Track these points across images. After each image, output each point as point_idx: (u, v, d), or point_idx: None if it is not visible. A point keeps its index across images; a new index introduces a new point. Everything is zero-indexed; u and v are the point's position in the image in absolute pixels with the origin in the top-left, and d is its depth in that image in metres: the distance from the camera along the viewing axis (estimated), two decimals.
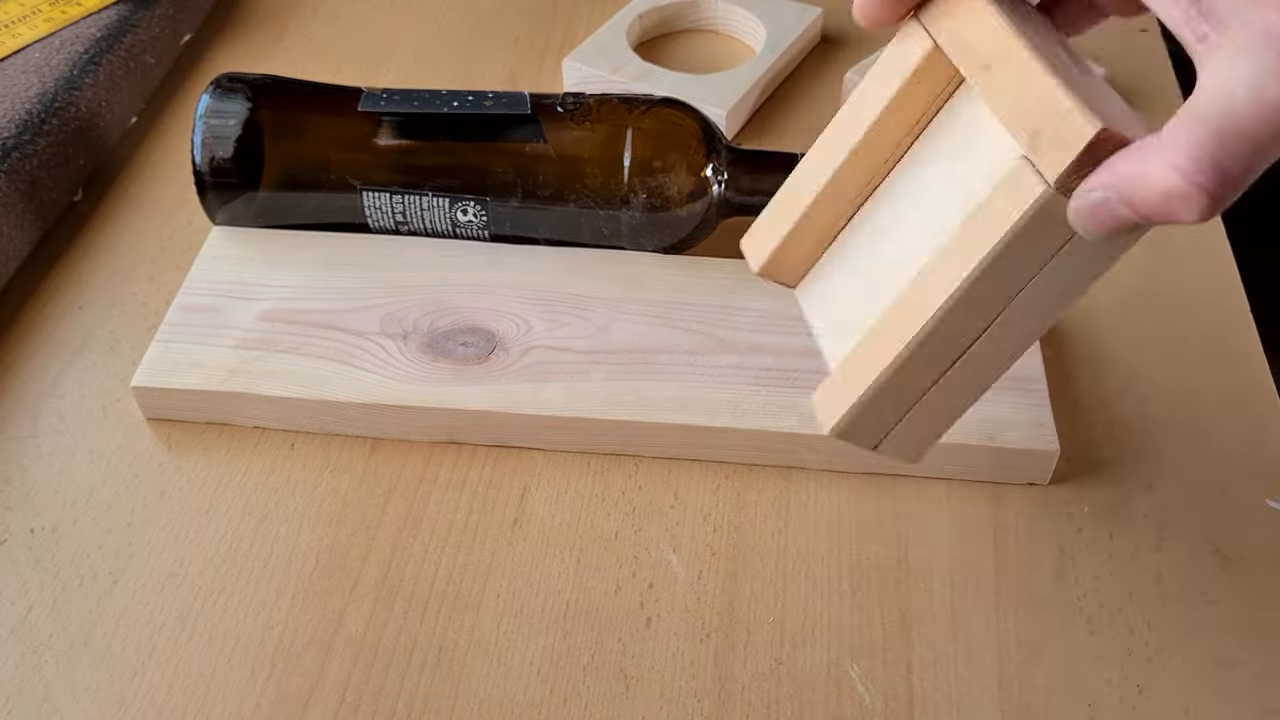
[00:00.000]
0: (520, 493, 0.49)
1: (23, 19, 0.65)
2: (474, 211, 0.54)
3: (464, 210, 0.54)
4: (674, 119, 0.55)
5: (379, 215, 0.56)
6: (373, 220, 0.56)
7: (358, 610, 0.45)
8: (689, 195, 0.54)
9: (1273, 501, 0.48)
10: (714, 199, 0.55)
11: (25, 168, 0.57)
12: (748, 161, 0.55)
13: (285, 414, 0.50)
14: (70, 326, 0.55)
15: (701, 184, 0.54)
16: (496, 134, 0.54)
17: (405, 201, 0.55)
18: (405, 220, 0.56)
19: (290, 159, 0.55)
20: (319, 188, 0.55)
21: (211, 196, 0.55)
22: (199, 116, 0.54)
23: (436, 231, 0.56)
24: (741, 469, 0.50)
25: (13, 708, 0.42)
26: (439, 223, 0.56)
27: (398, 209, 0.55)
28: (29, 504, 0.48)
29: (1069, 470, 0.49)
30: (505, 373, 0.50)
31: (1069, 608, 0.45)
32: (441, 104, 0.55)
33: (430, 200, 0.55)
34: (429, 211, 0.55)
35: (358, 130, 0.55)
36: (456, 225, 0.55)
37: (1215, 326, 0.55)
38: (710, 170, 0.54)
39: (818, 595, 0.45)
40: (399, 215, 0.55)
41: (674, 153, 0.54)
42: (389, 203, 0.55)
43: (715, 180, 0.54)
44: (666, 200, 0.54)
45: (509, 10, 0.75)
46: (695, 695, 0.43)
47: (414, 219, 0.56)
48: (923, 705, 0.42)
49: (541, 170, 0.54)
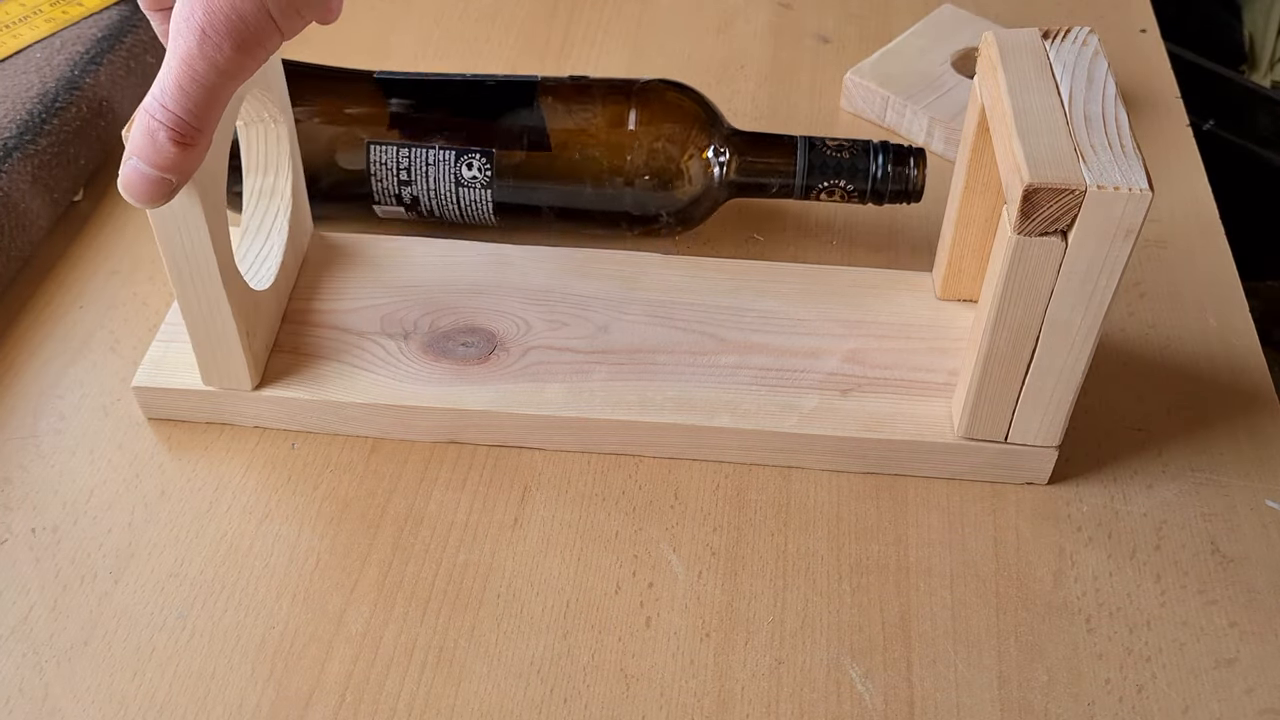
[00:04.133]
0: (520, 493, 0.49)
1: (23, 19, 0.65)
2: (479, 166, 0.55)
3: (469, 164, 0.55)
4: (675, 100, 0.56)
5: (384, 174, 0.56)
6: (377, 180, 0.56)
7: (358, 610, 0.45)
8: (690, 176, 0.55)
9: (1272, 501, 0.49)
10: (715, 180, 0.55)
11: (26, 168, 0.57)
12: (748, 142, 0.56)
13: (285, 414, 0.50)
14: (70, 326, 0.55)
15: (703, 165, 0.55)
16: (504, 101, 0.56)
17: (411, 156, 0.55)
18: (410, 179, 0.56)
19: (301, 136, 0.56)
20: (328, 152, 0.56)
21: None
22: None
23: (440, 195, 0.56)
24: (741, 469, 0.50)
25: (13, 708, 0.42)
26: (443, 182, 0.56)
27: (403, 165, 0.55)
28: (29, 504, 0.48)
29: (1069, 470, 0.49)
30: (506, 373, 0.50)
31: (1069, 607, 0.45)
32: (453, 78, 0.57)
33: (436, 154, 0.55)
34: (434, 167, 0.55)
35: (369, 98, 0.56)
36: (460, 183, 0.56)
37: (1215, 326, 0.55)
38: (711, 151, 0.55)
39: (818, 595, 0.46)
40: (403, 173, 0.56)
41: (675, 133, 0.55)
42: (394, 157, 0.55)
43: (716, 161, 0.55)
44: (668, 180, 0.55)
45: (509, 10, 0.75)
46: (695, 695, 0.43)
47: (418, 177, 0.56)
48: (923, 705, 0.42)
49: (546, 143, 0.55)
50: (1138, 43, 0.72)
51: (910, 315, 0.53)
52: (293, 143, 0.52)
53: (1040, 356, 0.44)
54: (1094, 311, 0.42)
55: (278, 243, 0.52)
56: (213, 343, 0.48)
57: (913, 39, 0.68)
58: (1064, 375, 0.44)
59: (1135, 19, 0.74)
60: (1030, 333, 0.43)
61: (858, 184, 0.55)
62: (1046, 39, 0.44)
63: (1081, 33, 0.45)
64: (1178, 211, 0.61)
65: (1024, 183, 0.39)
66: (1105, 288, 0.41)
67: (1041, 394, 0.45)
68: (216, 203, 0.44)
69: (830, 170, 0.55)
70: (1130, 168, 0.39)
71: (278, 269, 0.51)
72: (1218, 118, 1.12)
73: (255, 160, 0.53)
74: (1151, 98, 0.68)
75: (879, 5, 0.75)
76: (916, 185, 0.55)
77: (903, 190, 0.55)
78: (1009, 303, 0.42)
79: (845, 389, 0.50)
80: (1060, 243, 0.40)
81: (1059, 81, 0.43)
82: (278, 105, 0.50)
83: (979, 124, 0.46)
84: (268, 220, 0.53)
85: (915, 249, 0.59)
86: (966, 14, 0.70)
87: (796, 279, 0.54)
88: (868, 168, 0.55)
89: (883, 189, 0.55)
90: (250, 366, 0.49)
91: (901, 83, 0.66)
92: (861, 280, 0.54)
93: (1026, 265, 0.41)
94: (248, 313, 0.48)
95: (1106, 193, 0.39)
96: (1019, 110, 0.41)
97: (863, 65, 0.67)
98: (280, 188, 0.53)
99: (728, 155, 0.55)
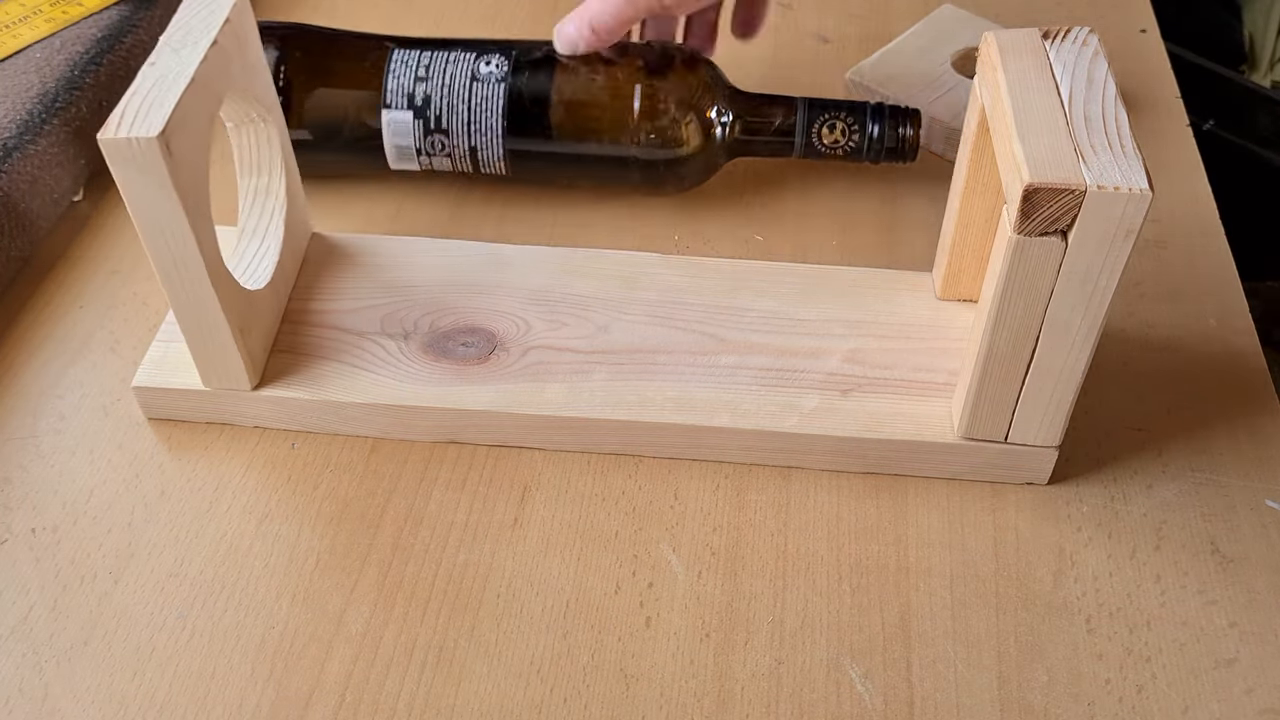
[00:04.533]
0: (520, 493, 0.49)
1: (23, 19, 0.65)
2: (496, 62, 0.57)
3: (487, 60, 0.56)
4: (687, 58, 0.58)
5: (401, 71, 0.57)
6: (394, 76, 0.57)
7: (358, 610, 0.45)
8: (694, 134, 0.57)
9: (1272, 501, 0.49)
10: (719, 140, 0.57)
11: (26, 168, 0.57)
12: (751, 101, 0.58)
13: (285, 414, 0.50)
14: (70, 326, 0.55)
15: (706, 124, 0.57)
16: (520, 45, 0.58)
17: (432, 56, 0.57)
18: (426, 76, 0.57)
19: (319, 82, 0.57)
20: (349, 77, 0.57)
21: None
22: None
23: (452, 94, 0.57)
24: (741, 469, 0.50)
25: (13, 708, 0.42)
26: (459, 76, 0.57)
27: (424, 60, 0.57)
28: (29, 504, 0.48)
29: (1069, 470, 0.49)
30: (506, 373, 0.50)
31: (1068, 607, 0.45)
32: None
33: (456, 54, 0.57)
34: (453, 65, 0.57)
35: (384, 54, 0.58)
36: (476, 77, 0.57)
37: (1215, 327, 0.55)
38: (714, 111, 0.57)
39: (818, 595, 0.46)
40: (421, 70, 0.57)
41: (679, 93, 0.57)
42: (416, 59, 0.57)
43: (719, 122, 0.57)
44: (673, 139, 0.57)
45: (509, 10, 0.75)
46: (695, 695, 0.43)
47: (435, 75, 0.57)
48: (923, 705, 0.42)
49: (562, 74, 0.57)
50: (1138, 43, 0.72)
51: (910, 315, 0.53)
52: (284, 142, 0.52)
53: (1040, 356, 0.44)
54: (1094, 311, 0.42)
55: (274, 242, 0.52)
56: (207, 343, 0.48)
57: (913, 39, 0.68)
58: (1064, 375, 0.44)
59: (1135, 19, 0.74)
60: (1030, 333, 0.43)
61: (857, 117, 0.57)
62: (1046, 39, 0.44)
63: (1081, 33, 0.45)
64: (1178, 211, 0.61)
65: (1024, 183, 0.39)
66: (1105, 288, 0.41)
67: (1041, 394, 0.45)
68: (200, 203, 0.44)
69: (830, 106, 0.58)
70: (1130, 168, 0.39)
71: (274, 269, 0.51)
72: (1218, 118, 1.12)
73: (247, 161, 0.53)
74: (1151, 98, 0.68)
75: (879, 5, 0.75)
76: (911, 145, 0.58)
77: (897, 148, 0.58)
78: (1009, 303, 0.42)
79: (845, 389, 0.50)
80: (1060, 243, 0.40)
81: (1059, 81, 0.43)
82: (264, 104, 0.50)
83: (979, 124, 0.46)
84: (263, 220, 0.53)
85: (915, 249, 0.59)
86: (966, 14, 0.70)
87: (796, 279, 0.54)
88: (863, 133, 0.57)
89: (877, 148, 0.58)
90: (248, 366, 0.49)
91: (901, 83, 0.66)
92: (861, 280, 0.54)
93: (1026, 265, 0.41)
94: (241, 312, 0.48)
95: (1106, 193, 0.39)
96: (1019, 110, 0.41)
97: (862, 65, 0.67)
98: (274, 188, 0.53)
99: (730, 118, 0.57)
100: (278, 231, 0.53)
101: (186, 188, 0.43)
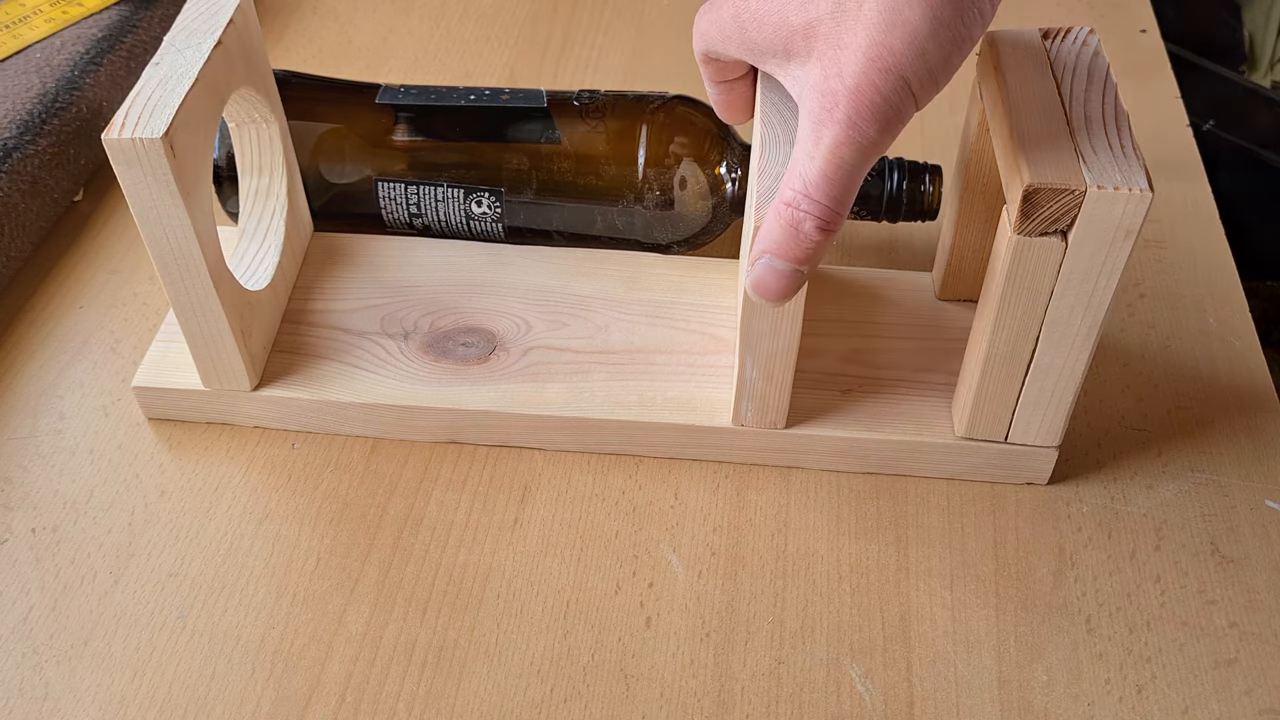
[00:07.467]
0: (520, 493, 0.49)
1: (24, 19, 0.65)
2: (488, 203, 0.55)
3: (478, 202, 0.54)
4: (687, 116, 0.55)
5: (394, 207, 0.56)
6: (387, 212, 0.56)
7: (358, 610, 0.45)
8: (702, 192, 0.54)
9: (1272, 502, 0.49)
10: (728, 197, 0.55)
11: (26, 168, 0.57)
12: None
13: (285, 414, 0.50)
14: (70, 326, 0.55)
15: (715, 181, 0.54)
16: (512, 128, 0.55)
17: (420, 193, 0.55)
18: (420, 213, 0.56)
19: (307, 152, 0.55)
20: (336, 179, 0.55)
21: (228, 188, 0.55)
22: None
23: (451, 225, 0.56)
24: (741, 469, 0.50)
25: (13, 708, 0.42)
26: (453, 215, 0.56)
27: (412, 200, 0.55)
28: (29, 504, 0.48)
29: (1069, 470, 0.49)
30: (506, 373, 0.50)
31: (1068, 607, 0.45)
32: (458, 97, 0.55)
33: (445, 191, 0.55)
34: (444, 204, 0.55)
35: (374, 123, 0.55)
36: (470, 218, 0.55)
37: (1215, 326, 0.55)
38: (724, 168, 0.54)
39: (818, 595, 0.46)
40: (413, 207, 0.55)
41: (688, 150, 0.54)
42: (404, 194, 0.55)
43: (729, 178, 0.54)
44: (680, 197, 0.54)
45: (509, 10, 0.75)
46: (695, 695, 0.43)
47: (428, 211, 0.56)
48: (923, 705, 0.42)
49: (556, 164, 0.54)
50: (1138, 43, 0.72)
51: (910, 315, 0.53)
52: (286, 143, 0.52)
53: (1040, 356, 0.44)
54: (1094, 311, 0.42)
55: (274, 243, 0.52)
56: (208, 343, 0.48)
57: None
58: (1064, 375, 0.44)
59: (1135, 19, 0.74)
60: (1030, 333, 0.43)
61: (870, 207, 0.55)
62: (1046, 39, 0.44)
63: (1081, 33, 0.45)
64: (1178, 211, 0.61)
65: (1024, 183, 0.39)
66: (1105, 288, 0.41)
67: (1041, 394, 0.45)
68: (202, 203, 0.44)
69: None
70: (1130, 168, 0.39)
71: (275, 269, 0.51)
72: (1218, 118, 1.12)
73: (249, 162, 0.53)
74: (1151, 98, 0.68)
75: None
76: (932, 204, 0.55)
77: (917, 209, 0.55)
78: (1009, 303, 0.42)
79: (845, 389, 0.50)
80: (1060, 243, 0.40)
81: (1059, 81, 0.43)
82: (267, 105, 0.50)
83: (979, 124, 0.46)
84: (264, 221, 0.53)
85: (915, 249, 0.59)
86: None
87: None
88: (881, 190, 0.54)
89: (896, 207, 0.55)
90: (248, 366, 0.49)
91: None
92: (861, 280, 0.54)
93: (1026, 265, 0.41)
94: (242, 312, 0.48)
95: (1106, 193, 0.39)
96: (1019, 110, 0.41)
97: None
98: (275, 188, 0.53)
99: (739, 175, 0.54)
100: (278, 231, 0.53)
101: (189, 188, 0.43)
